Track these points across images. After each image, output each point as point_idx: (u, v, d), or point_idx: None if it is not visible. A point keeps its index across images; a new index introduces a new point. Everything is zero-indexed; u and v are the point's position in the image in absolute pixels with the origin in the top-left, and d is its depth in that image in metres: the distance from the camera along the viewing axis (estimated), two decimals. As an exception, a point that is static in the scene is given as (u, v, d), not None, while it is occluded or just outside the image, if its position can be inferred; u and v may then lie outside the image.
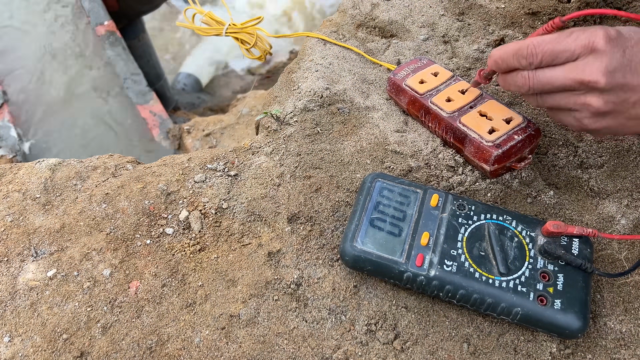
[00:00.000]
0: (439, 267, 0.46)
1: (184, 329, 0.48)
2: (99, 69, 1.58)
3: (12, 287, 0.50)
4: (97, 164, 0.61)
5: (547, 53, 0.45)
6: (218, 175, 0.59)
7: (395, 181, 0.53)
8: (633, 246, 0.51)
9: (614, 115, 0.45)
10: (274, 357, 0.46)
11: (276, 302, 0.49)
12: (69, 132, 1.46)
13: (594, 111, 0.45)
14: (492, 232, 0.48)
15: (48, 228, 0.54)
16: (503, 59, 0.48)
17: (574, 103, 0.46)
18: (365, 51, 0.73)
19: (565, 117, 0.48)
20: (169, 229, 0.54)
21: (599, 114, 0.45)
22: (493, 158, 0.53)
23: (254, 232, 0.54)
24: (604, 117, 0.45)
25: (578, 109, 0.46)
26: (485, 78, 0.55)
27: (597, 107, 0.44)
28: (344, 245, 0.49)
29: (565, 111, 0.48)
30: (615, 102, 0.44)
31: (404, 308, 0.48)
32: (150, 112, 1.54)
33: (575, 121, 0.47)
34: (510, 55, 0.47)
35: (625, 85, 0.43)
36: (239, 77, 2.59)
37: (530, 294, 0.44)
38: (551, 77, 0.45)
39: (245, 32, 0.73)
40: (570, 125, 0.49)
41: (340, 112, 0.64)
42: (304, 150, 0.61)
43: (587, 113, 0.46)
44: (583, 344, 0.46)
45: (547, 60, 0.45)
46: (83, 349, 0.47)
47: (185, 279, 0.51)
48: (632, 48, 0.43)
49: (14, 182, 0.58)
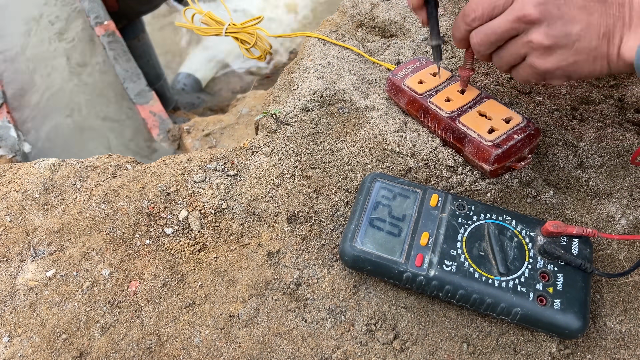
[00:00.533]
0: (438, 267, 0.46)
1: (184, 329, 0.48)
2: (99, 69, 1.58)
3: (11, 287, 0.50)
4: (96, 163, 0.61)
5: (486, 3, 0.47)
6: (217, 175, 0.59)
7: (394, 181, 0.53)
8: (633, 246, 0.51)
9: (561, 51, 0.45)
10: (274, 357, 0.46)
11: (276, 302, 0.49)
12: (68, 132, 1.46)
13: (538, 47, 0.46)
14: (492, 232, 0.48)
15: (47, 228, 0.54)
16: (456, 27, 0.50)
17: (521, 45, 0.47)
18: (364, 51, 0.73)
19: (523, 70, 0.49)
20: (169, 229, 0.54)
21: (544, 49, 0.45)
22: (493, 158, 0.53)
23: (253, 232, 0.54)
24: (551, 52, 0.46)
25: (526, 51, 0.47)
26: (465, 68, 0.56)
27: (540, 41, 0.45)
28: (344, 245, 0.48)
29: (522, 64, 0.49)
30: (556, 35, 0.44)
31: (404, 308, 0.48)
32: (150, 112, 1.54)
33: (529, 67, 0.48)
34: (460, 20, 0.49)
35: (562, 17, 0.44)
36: (238, 77, 2.59)
37: (529, 294, 0.44)
38: (493, 26, 0.47)
39: (245, 32, 0.73)
40: (530, 76, 0.49)
41: (340, 112, 0.64)
42: (303, 150, 0.61)
43: (535, 53, 0.46)
44: (583, 344, 0.46)
45: (488, 11, 0.47)
46: (82, 349, 0.46)
47: (185, 279, 0.51)
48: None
49: (13, 182, 0.58)
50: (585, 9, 0.44)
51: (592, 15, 0.44)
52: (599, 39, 0.44)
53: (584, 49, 0.45)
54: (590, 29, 0.44)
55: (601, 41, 0.44)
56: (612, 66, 0.46)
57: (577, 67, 0.46)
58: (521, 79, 0.51)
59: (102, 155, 0.62)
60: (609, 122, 0.62)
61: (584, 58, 0.45)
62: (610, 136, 0.60)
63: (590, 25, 0.44)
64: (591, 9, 0.44)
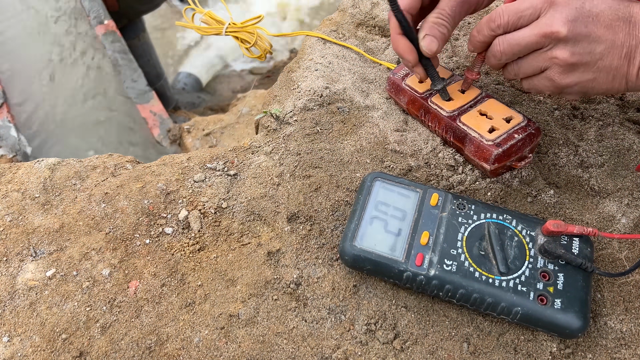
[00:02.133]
0: (438, 266, 0.46)
1: (183, 329, 0.48)
2: (99, 69, 1.58)
3: (11, 287, 0.50)
4: (96, 163, 0.61)
5: (512, 12, 0.47)
6: (217, 175, 0.59)
7: (395, 180, 0.53)
8: (633, 245, 0.51)
9: (583, 68, 0.46)
10: (274, 357, 0.46)
11: (275, 301, 0.49)
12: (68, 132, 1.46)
13: (562, 63, 0.46)
14: (492, 231, 0.48)
15: (47, 228, 0.54)
16: (478, 30, 0.50)
17: (543, 60, 0.47)
18: (365, 50, 0.73)
19: (539, 81, 0.49)
20: (169, 228, 0.54)
21: (567, 66, 0.46)
22: (493, 157, 0.53)
23: (253, 231, 0.54)
24: (573, 70, 0.46)
25: (548, 65, 0.47)
26: (472, 71, 0.56)
27: (565, 59, 0.45)
28: (344, 245, 0.48)
29: (539, 75, 0.49)
30: (581, 53, 0.45)
31: (404, 308, 0.48)
32: (150, 111, 1.54)
33: (548, 81, 0.48)
34: (484, 24, 0.49)
35: (588, 36, 0.44)
36: (239, 77, 2.59)
37: (530, 293, 0.44)
38: (519, 37, 0.47)
39: (245, 31, 0.73)
40: (545, 88, 0.49)
41: (340, 111, 0.64)
42: (303, 150, 0.60)
43: (556, 68, 0.47)
44: (583, 343, 0.46)
45: (513, 20, 0.47)
46: (82, 349, 0.46)
47: (185, 279, 0.51)
48: (591, 1, 0.44)
49: (13, 182, 0.58)
50: (611, 28, 0.44)
51: (617, 35, 0.44)
52: (620, 59, 0.45)
53: (605, 67, 0.45)
54: (613, 49, 0.44)
55: (623, 61, 0.45)
56: (629, 85, 0.46)
57: (595, 84, 0.47)
58: (534, 90, 0.51)
59: (102, 154, 0.62)
60: (610, 121, 0.62)
61: (603, 76, 0.46)
62: (611, 135, 0.60)
63: (614, 45, 0.44)
64: (617, 28, 0.44)
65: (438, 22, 0.52)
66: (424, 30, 0.52)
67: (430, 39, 0.52)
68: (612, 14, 0.44)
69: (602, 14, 0.44)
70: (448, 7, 0.52)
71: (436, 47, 0.52)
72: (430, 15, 0.52)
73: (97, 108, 1.52)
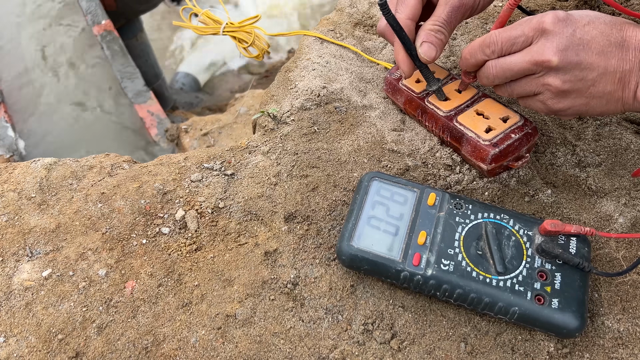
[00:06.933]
0: (436, 266, 0.46)
1: (180, 329, 0.48)
2: (97, 68, 1.57)
3: (7, 287, 0.50)
4: (93, 163, 0.60)
5: (505, 39, 0.47)
6: (214, 175, 0.59)
7: (392, 180, 0.52)
8: (631, 245, 0.51)
9: (575, 95, 0.46)
10: (271, 357, 0.46)
11: (272, 301, 0.49)
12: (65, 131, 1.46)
13: (555, 91, 0.46)
14: (490, 231, 0.47)
15: (43, 228, 0.54)
16: (471, 53, 0.50)
17: (535, 85, 0.47)
18: (362, 50, 0.73)
19: (532, 102, 0.50)
20: (165, 228, 0.54)
21: (559, 93, 0.46)
22: (490, 157, 0.53)
23: (250, 231, 0.54)
24: (565, 96, 0.47)
25: (540, 91, 0.48)
26: (469, 75, 0.56)
27: (557, 87, 0.46)
28: (341, 245, 0.48)
29: (532, 97, 0.49)
30: (573, 80, 0.45)
31: (401, 307, 0.48)
32: (147, 111, 1.53)
33: (541, 104, 0.49)
34: (477, 48, 0.49)
35: (580, 64, 0.44)
36: (237, 77, 2.59)
37: (527, 293, 0.44)
38: (511, 63, 0.47)
39: (243, 31, 0.73)
40: (539, 110, 0.50)
41: (338, 111, 0.64)
42: (300, 149, 0.60)
43: (549, 94, 0.47)
44: (581, 343, 0.46)
45: (507, 46, 0.47)
46: (78, 349, 0.46)
47: (182, 279, 0.51)
48: (582, 28, 0.44)
49: (9, 182, 0.58)
50: (603, 54, 0.44)
51: (610, 61, 0.44)
52: (614, 84, 0.45)
53: (598, 93, 0.46)
54: (606, 75, 0.45)
55: (617, 86, 0.45)
56: (626, 107, 0.46)
57: (589, 108, 0.47)
58: (528, 108, 0.52)
59: (98, 154, 0.62)
60: (607, 121, 0.62)
61: (596, 101, 0.46)
62: (608, 135, 0.60)
63: (607, 72, 0.44)
64: (609, 54, 0.44)
65: (435, 29, 0.52)
66: (421, 38, 0.53)
67: (427, 46, 0.52)
68: (604, 40, 0.44)
69: (594, 40, 0.44)
70: (444, 14, 0.52)
71: (434, 54, 0.53)
72: (427, 22, 0.53)
73: (95, 108, 1.51)
